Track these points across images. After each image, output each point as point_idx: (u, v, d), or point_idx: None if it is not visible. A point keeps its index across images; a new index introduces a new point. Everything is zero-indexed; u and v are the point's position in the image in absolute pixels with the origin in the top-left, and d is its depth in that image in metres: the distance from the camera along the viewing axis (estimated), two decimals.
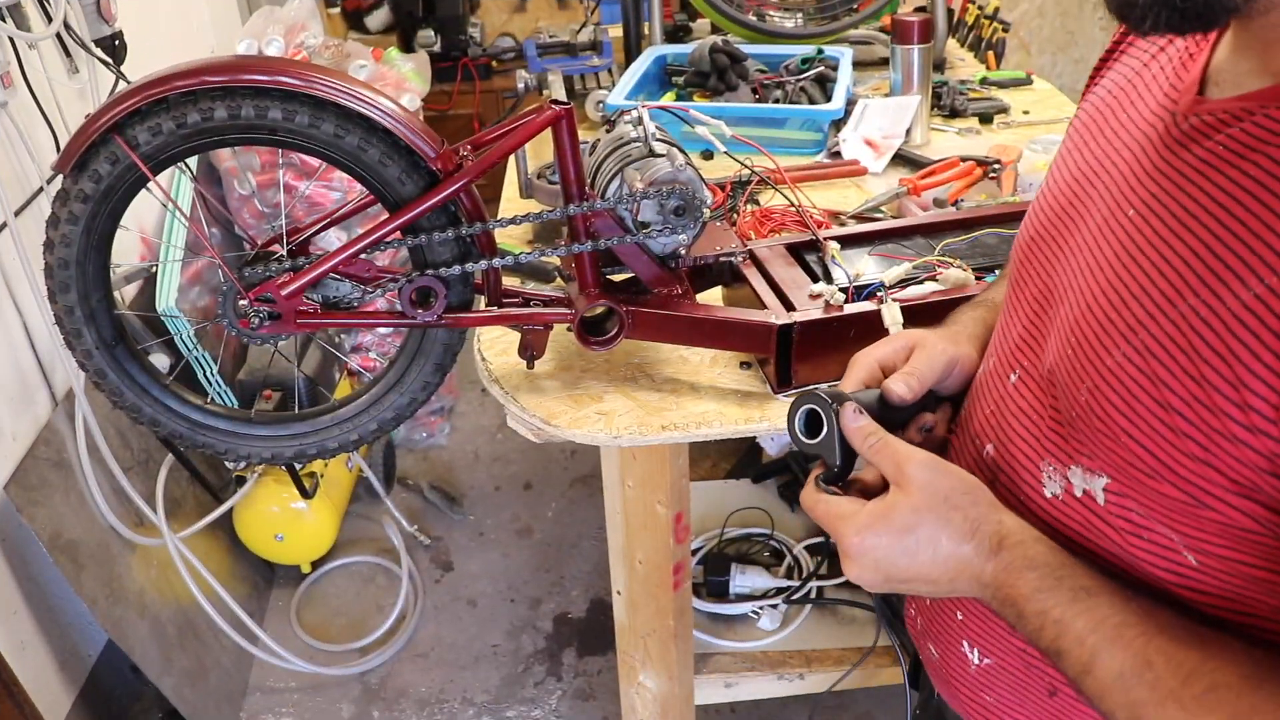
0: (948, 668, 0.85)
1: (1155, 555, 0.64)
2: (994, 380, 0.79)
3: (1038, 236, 0.78)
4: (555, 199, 1.48)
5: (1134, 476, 0.63)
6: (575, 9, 3.78)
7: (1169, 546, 0.63)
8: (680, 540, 1.43)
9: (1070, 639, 0.63)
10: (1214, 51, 0.65)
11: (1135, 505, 0.64)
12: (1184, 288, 0.59)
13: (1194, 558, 0.62)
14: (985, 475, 0.76)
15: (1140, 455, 0.62)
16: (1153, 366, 0.60)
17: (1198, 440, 0.58)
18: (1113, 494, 0.65)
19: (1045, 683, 0.75)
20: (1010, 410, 0.75)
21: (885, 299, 1.18)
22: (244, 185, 2.37)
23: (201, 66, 0.98)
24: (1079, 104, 0.82)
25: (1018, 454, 0.74)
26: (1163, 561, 0.64)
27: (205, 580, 2.04)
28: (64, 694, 1.86)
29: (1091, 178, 0.72)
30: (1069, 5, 3.77)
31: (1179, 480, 0.60)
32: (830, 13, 2.24)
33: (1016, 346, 0.77)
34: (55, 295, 1.08)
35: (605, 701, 2.10)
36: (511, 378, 1.25)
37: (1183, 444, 0.59)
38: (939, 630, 0.85)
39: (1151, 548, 0.64)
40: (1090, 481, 0.66)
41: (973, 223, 1.36)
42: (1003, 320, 0.81)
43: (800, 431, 0.77)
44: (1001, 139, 1.88)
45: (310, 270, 1.07)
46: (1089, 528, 0.68)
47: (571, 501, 2.65)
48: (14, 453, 1.76)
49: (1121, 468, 0.64)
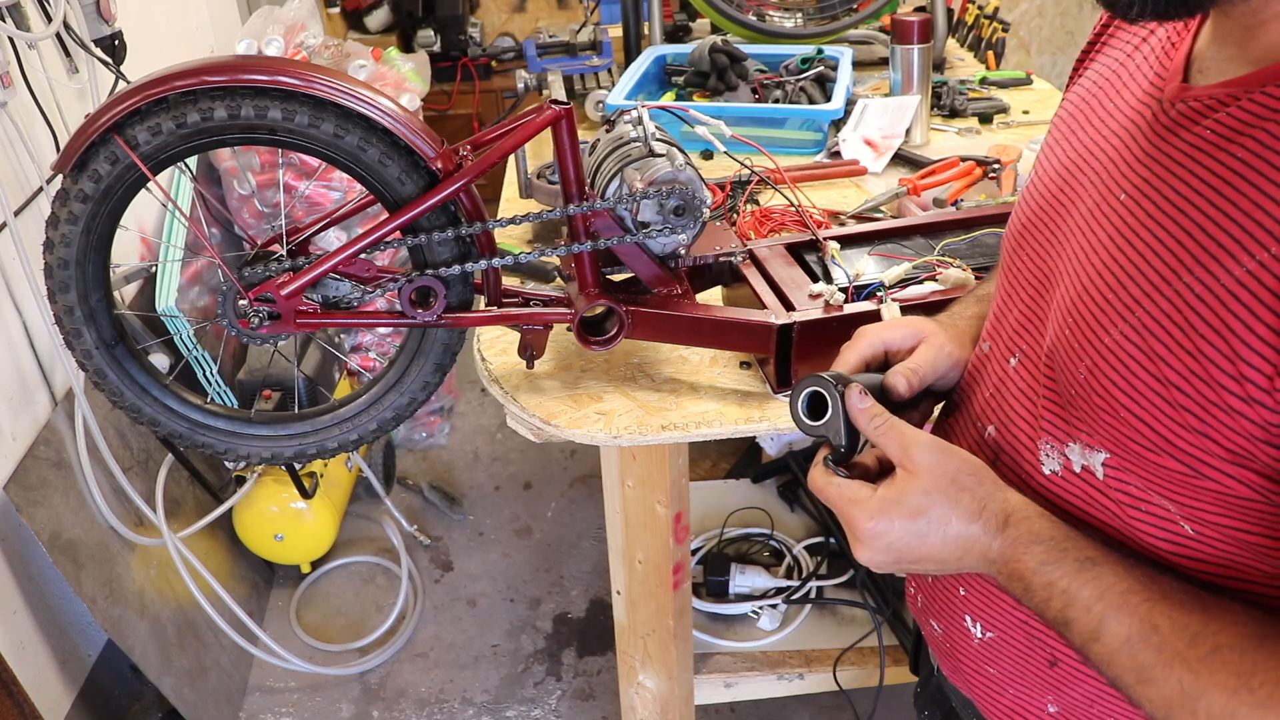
0: (951, 642, 0.87)
1: (1153, 526, 0.66)
2: (994, 364, 0.81)
3: (1029, 224, 0.79)
4: (555, 199, 1.48)
5: (1133, 450, 0.64)
6: (575, 9, 3.78)
7: (1166, 517, 0.65)
8: (680, 540, 1.43)
9: (1078, 608, 0.65)
10: (1195, 40, 0.67)
11: (1134, 478, 0.66)
12: (1179, 266, 0.61)
13: (1190, 527, 0.64)
14: (987, 456, 0.78)
15: (1139, 429, 0.63)
16: (1150, 343, 0.62)
17: (1195, 413, 0.60)
18: (1111, 468, 0.67)
19: (1046, 654, 0.77)
20: (1011, 392, 0.77)
21: (885, 299, 1.18)
22: (244, 185, 2.37)
23: (201, 66, 0.98)
24: (1063, 96, 0.84)
25: (1018, 434, 0.76)
26: (1160, 531, 0.66)
27: (205, 580, 2.04)
28: (64, 694, 1.86)
29: (1081, 165, 0.74)
30: (1069, 5, 3.77)
31: (1177, 452, 0.62)
32: (830, 13, 2.24)
33: (1015, 331, 0.78)
34: (55, 295, 1.08)
35: (605, 701, 2.10)
36: (511, 378, 1.25)
37: (1181, 417, 0.61)
38: (941, 606, 0.87)
39: (1149, 519, 0.66)
40: (1089, 457, 0.68)
41: (972, 223, 1.36)
42: (998, 306, 0.83)
43: (803, 413, 0.78)
44: (1001, 139, 1.88)
45: (310, 270, 1.07)
46: (1089, 502, 0.70)
47: (571, 501, 2.65)
48: (14, 453, 1.76)
49: (1120, 442, 0.65)
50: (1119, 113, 0.72)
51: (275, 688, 2.17)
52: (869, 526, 0.71)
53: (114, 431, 1.97)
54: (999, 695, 0.83)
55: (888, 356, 0.86)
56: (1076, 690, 0.76)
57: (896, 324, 0.88)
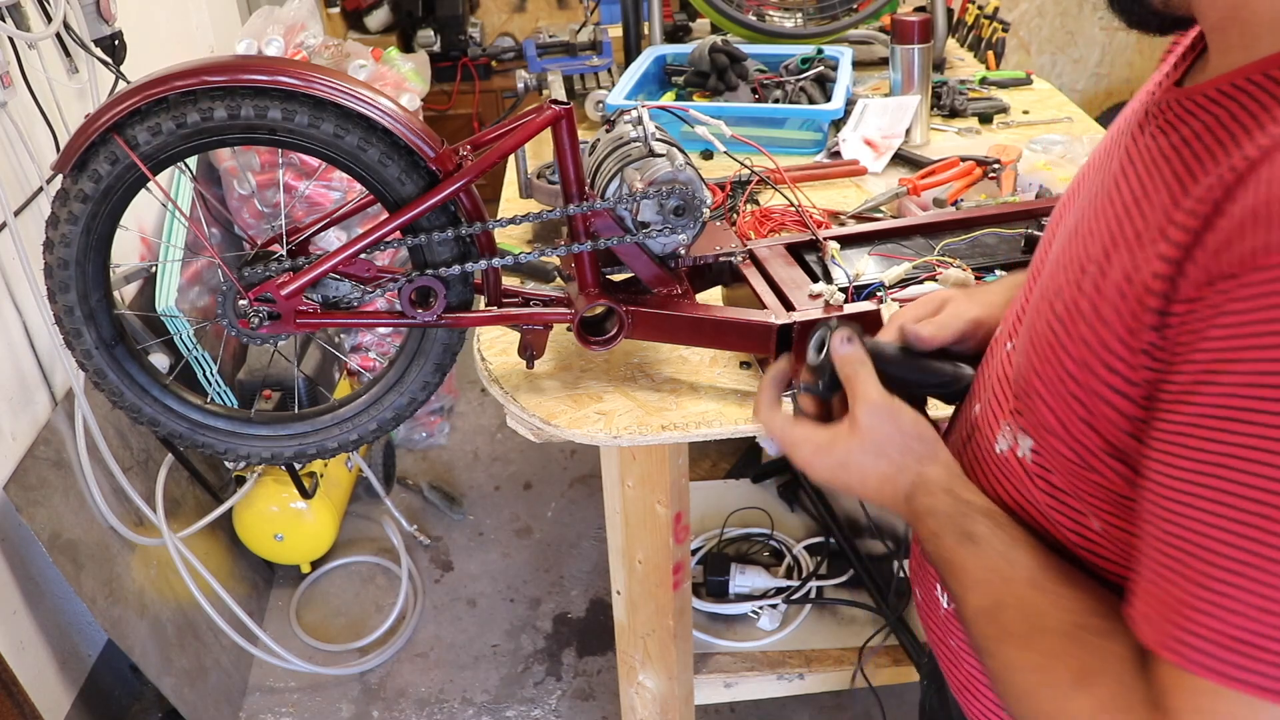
0: (925, 608, 0.91)
1: (1068, 519, 0.69)
2: (999, 347, 0.84)
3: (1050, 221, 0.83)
4: (555, 199, 1.48)
5: (1044, 439, 0.68)
6: (575, 9, 3.78)
7: (1078, 509, 0.68)
8: (680, 540, 1.43)
9: (953, 581, 0.71)
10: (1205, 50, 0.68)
11: (1051, 467, 0.68)
12: (1087, 260, 0.64)
13: (1098, 523, 0.66)
14: (965, 431, 0.83)
15: (1046, 416, 0.67)
16: (1058, 332, 0.65)
17: (1085, 402, 0.62)
18: (1035, 454, 0.70)
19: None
20: (997, 375, 0.80)
21: (885, 299, 1.18)
22: (244, 185, 2.37)
23: (201, 66, 0.98)
24: None
25: (990, 414, 0.79)
26: (1073, 526, 0.69)
27: (205, 580, 2.04)
28: (64, 694, 1.86)
29: (1088, 166, 0.77)
30: (1069, 5, 3.77)
31: (1073, 441, 0.64)
32: (830, 13, 2.24)
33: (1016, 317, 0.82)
34: (55, 295, 1.08)
35: (605, 701, 2.10)
36: (511, 378, 1.25)
37: (1075, 406, 0.63)
38: (920, 573, 0.91)
39: (1065, 510, 0.69)
40: (1021, 440, 0.72)
41: (972, 223, 1.36)
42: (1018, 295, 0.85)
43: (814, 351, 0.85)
44: (1001, 139, 1.88)
45: (310, 270, 1.07)
46: (1021, 486, 0.73)
47: (571, 501, 2.65)
48: (14, 453, 1.76)
49: (1036, 429, 0.69)
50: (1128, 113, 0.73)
51: (275, 688, 2.17)
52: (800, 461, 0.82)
53: (114, 431, 1.97)
54: (955, 666, 0.86)
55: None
56: None
57: (921, 301, 0.92)
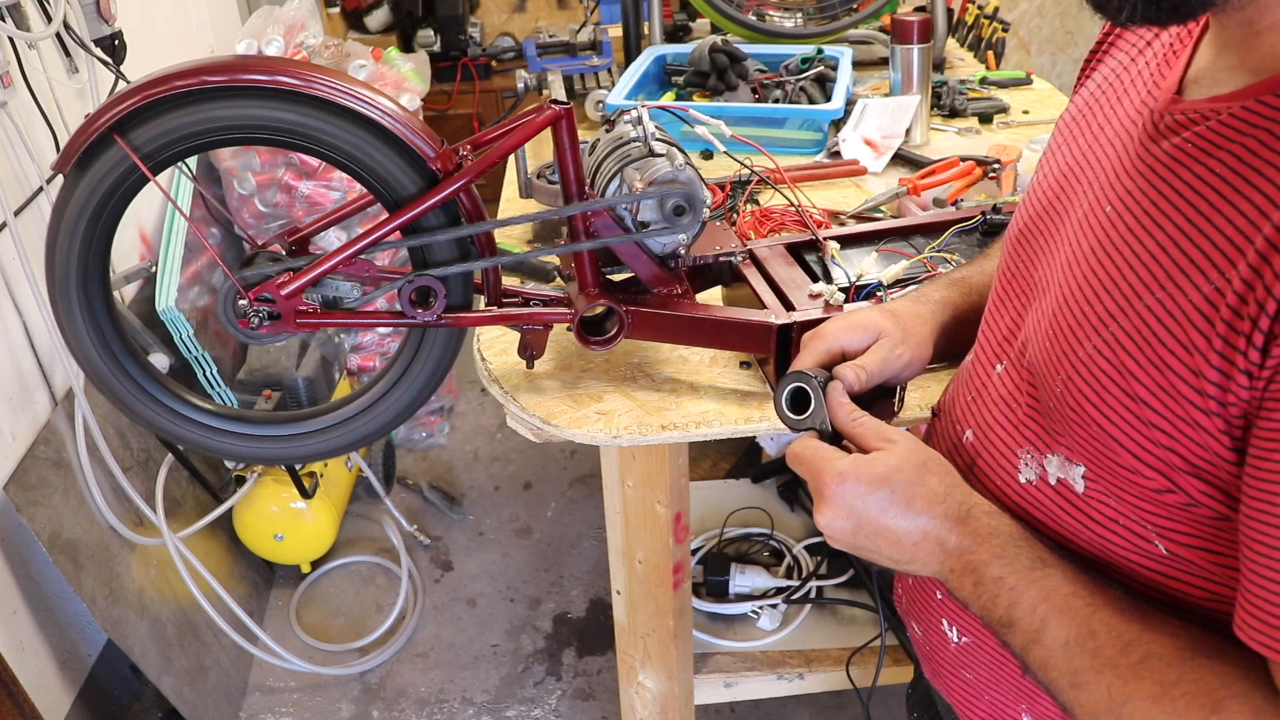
0: (930, 645, 0.87)
1: (1128, 544, 0.66)
2: (979, 369, 0.81)
3: (1026, 230, 0.80)
4: (555, 199, 1.48)
5: (1107, 464, 0.65)
6: (575, 9, 3.78)
7: (1142, 535, 0.65)
8: (680, 540, 1.43)
9: (1023, 607, 0.66)
10: (1195, 50, 0.67)
11: (1110, 492, 0.66)
12: (1151, 282, 0.61)
13: (1164, 546, 0.64)
14: (964, 460, 0.79)
15: (1111, 444, 0.64)
16: (1121, 358, 0.62)
17: (1162, 428, 0.60)
18: (1090, 481, 0.67)
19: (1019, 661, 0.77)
20: (991, 398, 0.78)
21: (884, 298, 1.18)
22: (244, 185, 2.37)
23: (201, 66, 0.98)
24: (1070, 98, 0.84)
25: (996, 440, 0.76)
26: (1135, 550, 0.66)
27: (205, 580, 2.04)
28: (64, 694, 1.86)
29: (1076, 173, 0.74)
30: (1069, 5, 3.77)
31: (1146, 468, 0.62)
32: (830, 12, 2.24)
33: (1004, 338, 0.79)
34: (55, 295, 1.08)
35: (605, 701, 2.10)
36: (511, 377, 1.25)
37: (1150, 433, 0.61)
38: (920, 609, 0.88)
39: (1125, 534, 0.66)
40: (1068, 470, 0.69)
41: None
42: (991, 309, 0.83)
43: (787, 408, 0.81)
44: (1001, 139, 1.88)
45: (310, 270, 1.06)
46: (1062, 514, 0.70)
47: (571, 501, 2.65)
48: (14, 453, 1.76)
49: (1096, 456, 0.66)
50: (1115, 121, 0.72)
51: (275, 687, 2.17)
52: (835, 485, 0.71)
53: (114, 431, 1.97)
54: (976, 701, 0.83)
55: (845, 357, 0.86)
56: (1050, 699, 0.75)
57: (853, 325, 0.88)
